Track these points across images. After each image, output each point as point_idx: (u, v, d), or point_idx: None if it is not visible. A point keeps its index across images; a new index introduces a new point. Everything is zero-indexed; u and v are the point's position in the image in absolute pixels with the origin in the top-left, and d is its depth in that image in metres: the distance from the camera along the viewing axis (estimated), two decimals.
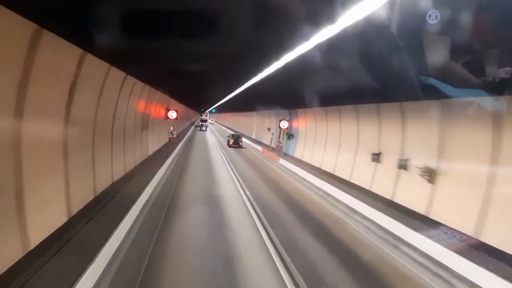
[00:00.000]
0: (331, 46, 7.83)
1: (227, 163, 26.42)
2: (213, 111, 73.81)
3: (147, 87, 19.53)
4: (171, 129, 35.77)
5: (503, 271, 7.21)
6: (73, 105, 8.65)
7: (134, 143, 17.22)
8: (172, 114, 29.96)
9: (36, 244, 7.10)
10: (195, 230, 11.24)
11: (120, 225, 8.87)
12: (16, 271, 6.14)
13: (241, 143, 39.41)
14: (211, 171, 22.50)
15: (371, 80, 9.67)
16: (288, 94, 20.85)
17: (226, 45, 8.89)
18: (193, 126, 75.59)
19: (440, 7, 5.04)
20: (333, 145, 20.32)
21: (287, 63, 10.65)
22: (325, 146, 21.72)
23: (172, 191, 15.33)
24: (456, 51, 6.26)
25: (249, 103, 36.15)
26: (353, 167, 17.43)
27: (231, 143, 38.79)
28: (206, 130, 65.90)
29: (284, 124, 30.33)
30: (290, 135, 29.79)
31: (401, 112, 13.30)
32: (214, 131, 70.83)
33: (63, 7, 6.07)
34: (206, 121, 71.05)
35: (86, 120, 10.40)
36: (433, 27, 5.30)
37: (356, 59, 8.40)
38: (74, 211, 9.30)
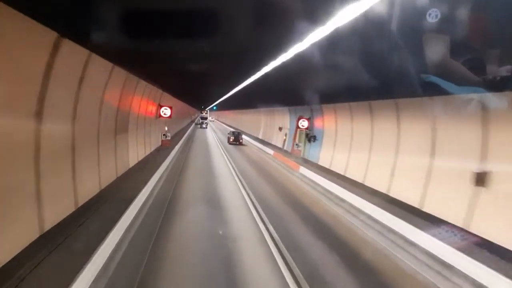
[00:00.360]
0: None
1: (235, 173, 20.71)
2: (214, 108, 72.24)
3: (127, 75, 13.89)
4: (165, 129, 30.17)
5: None
6: None
7: (99, 154, 11.47)
8: (165, 111, 24.34)
9: None
10: None
11: None
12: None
13: (241, 140, 38.54)
14: (216, 190, 16.77)
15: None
16: (309, 86, 15.75)
17: (228, 37, 7.94)
18: (193, 124, 73.81)
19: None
20: (384, 152, 14.59)
21: (308, 48, 8.50)
22: (369, 153, 15.98)
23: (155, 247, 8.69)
24: None
25: (255, 99, 32.13)
26: (425, 189, 11.70)
27: (231, 140, 38.19)
28: (206, 127, 65.52)
29: (303, 123, 24.66)
30: (311, 137, 24.09)
31: None
32: (215, 130, 65.13)
33: None
34: (206, 118, 71.71)
35: None
36: None
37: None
38: None
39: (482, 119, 9.33)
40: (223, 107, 68.21)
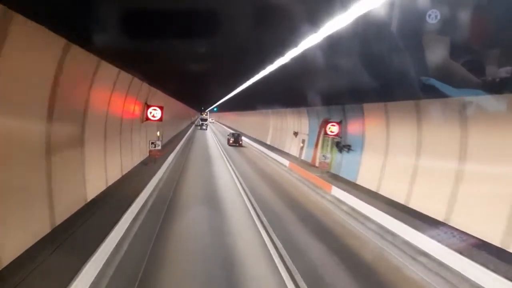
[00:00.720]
0: None
1: (246, 197, 15.12)
2: (215, 110, 70.45)
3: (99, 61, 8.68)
4: (157, 135, 24.58)
5: None
6: None
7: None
8: (154, 113, 18.84)
9: None
10: None
11: None
12: None
13: (241, 142, 37.85)
14: (225, 226, 11.20)
15: None
16: (343, 80, 11.50)
17: (230, 35, 7.57)
18: (193, 125, 72.59)
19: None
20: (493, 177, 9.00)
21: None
22: (457, 176, 10.36)
23: None
24: None
25: (262, 100, 28.36)
26: None
27: (231, 141, 37.55)
28: (206, 129, 65.73)
29: (332, 128, 19.09)
30: (343, 146, 18.50)
31: None
32: (215, 132, 59.44)
33: None
34: (206, 120, 71.96)
35: None
36: None
37: None
38: None
39: None
40: (225, 108, 63.60)
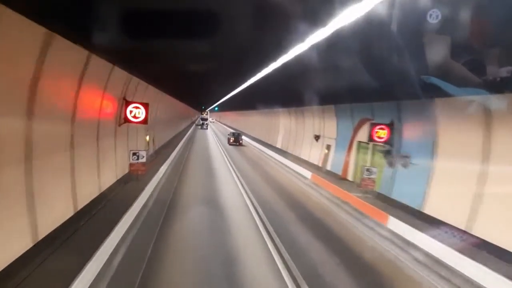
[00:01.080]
0: None
1: (265, 232, 10.03)
2: (216, 109, 68.53)
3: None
4: (146, 140, 19.64)
5: None
6: None
7: None
8: (135, 112, 13.79)
9: None
10: None
11: None
12: None
13: (241, 141, 37.73)
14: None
15: None
16: (401, 69, 7.80)
17: (232, 32, 7.20)
18: (194, 125, 72.92)
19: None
20: None
21: None
22: None
23: None
24: None
25: (270, 98, 24.91)
26: None
27: (231, 141, 37.46)
28: (207, 128, 66.57)
29: (380, 133, 14.03)
30: (398, 157, 13.41)
31: None
32: (217, 134, 54.27)
33: None
34: (206, 119, 73.44)
35: None
36: None
37: None
38: None
39: None
40: (227, 107, 58.89)
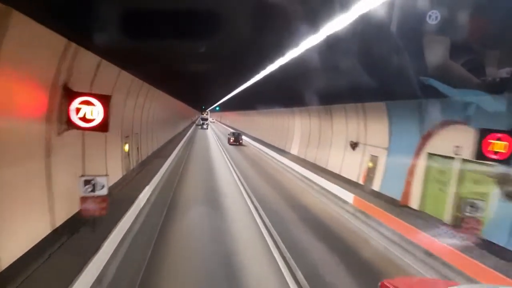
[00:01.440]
0: None
1: None
2: (217, 109, 66.42)
3: None
4: (125, 149, 14.30)
5: None
6: None
7: None
8: (86, 110, 8.14)
9: None
10: None
11: None
12: None
13: (241, 141, 37.96)
14: None
15: None
16: None
17: (233, 29, 6.93)
18: (194, 125, 73.52)
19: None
20: None
21: None
22: None
23: None
24: None
25: (283, 96, 22.50)
26: None
27: (231, 140, 37.73)
28: (207, 128, 67.83)
29: (497, 145, 8.49)
30: None
31: None
32: (220, 137, 48.67)
33: None
34: (206, 119, 75.00)
35: None
36: None
37: None
38: None
39: None
40: (229, 107, 54.14)
